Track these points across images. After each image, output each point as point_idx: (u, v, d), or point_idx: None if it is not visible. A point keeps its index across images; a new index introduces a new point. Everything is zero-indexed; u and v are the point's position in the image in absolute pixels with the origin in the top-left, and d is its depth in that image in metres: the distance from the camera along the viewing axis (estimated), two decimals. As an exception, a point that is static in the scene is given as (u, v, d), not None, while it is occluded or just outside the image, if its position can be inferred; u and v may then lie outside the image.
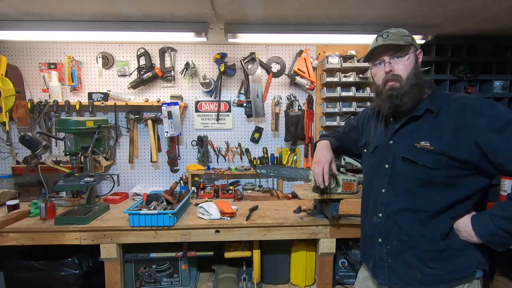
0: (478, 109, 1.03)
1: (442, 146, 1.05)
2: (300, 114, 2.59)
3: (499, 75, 2.43)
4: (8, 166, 2.53)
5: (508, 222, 0.99)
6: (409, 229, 1.13)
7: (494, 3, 1.74)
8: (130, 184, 2.68)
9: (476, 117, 1.02)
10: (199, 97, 2.65)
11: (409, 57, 1.12)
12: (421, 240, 1.11)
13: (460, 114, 1.05)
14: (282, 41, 2.46)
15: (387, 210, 1.17)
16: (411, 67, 1.12)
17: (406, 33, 1.14)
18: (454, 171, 1.05)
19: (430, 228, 1.10)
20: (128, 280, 2.10)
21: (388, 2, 1.74)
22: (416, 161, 1.09)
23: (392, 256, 1.17)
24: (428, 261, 1.11)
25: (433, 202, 1.09)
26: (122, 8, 1.81)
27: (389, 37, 1.11)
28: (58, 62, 2.51)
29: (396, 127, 1.18)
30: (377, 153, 1.24)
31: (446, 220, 1.09)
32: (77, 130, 2.00)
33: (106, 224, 1.92)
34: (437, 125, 1.09)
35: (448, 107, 1.08)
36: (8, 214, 1.97)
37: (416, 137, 1.11)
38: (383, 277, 1.19)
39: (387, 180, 1.17)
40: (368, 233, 1.26)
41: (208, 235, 1.96)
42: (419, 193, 1.10)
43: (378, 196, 1.20)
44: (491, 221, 1.01)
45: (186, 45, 2.58)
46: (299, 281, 2.18)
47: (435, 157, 1.06)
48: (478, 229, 1.04)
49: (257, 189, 2.65)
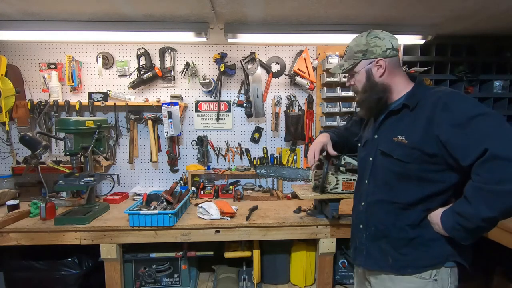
0: (447, 104, 1.04)
1: (414, 140, 1.09)
2: (300, 114, 2.59)
3: (499, 75, 2.43)
4: (8, 166, 2.53)
5: (462, 218, 1.01)
6: (383, 218, 1.20)
7: (493, 3, 1.74)
8: (130, 184, 2.68)
9: (443, 112, 1.04)
10: (199, 97, 2.65)
11: (360, 72, 1.21)
12: (393, 229, 1.18)
13: (432, 109, 1.07)
14: (282, 41, 2.46)
15: (367, 199, 1.26)
16: (363, 82, 1.21)
17: (360, 47, 1.20)
18: (426, 166, 1.09)
19: (402, 218, 1.16)
20: (128, 280, 2.10)
21: (388, 2, 1.74)
22: (391, 155, 1.15)
23: (370, 241, 1.25)
24: (399, 247, 1.17)
25: (407, 194, 1.14)
26: (122, 8, 1.81)
27: (344, 58, 1.27)
28: (58, 62, 2.51)
29: (379, 122, 1.25)
30: (366, 146, 1.31)
31: (418, 212, 1.14)
32: (77, 130, 2.00)
33: (106, 224, 1.92)
34: (413, 119, 1.12)
35: (425, 101, 1.11)
36: (8, 214, 1.97)
37: (394, 131, 1.16)
38: (360, 259, 1.29)
39: (369, 172, 1.26)
40: (354, 220, 1.36)
41: (208, 235, 1.96)
42: (395, 185, 1.17)
43: (362, 186, 1.30)
44: (452, 216, 1.05)
45: (186, 45, 2.58)
46: (299, 281, 2.18)
47: (408, 151, 1.10)
48: (443, 223, 1.08)
49: (257, 189, 2.65)
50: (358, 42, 1.21)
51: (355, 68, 1.23)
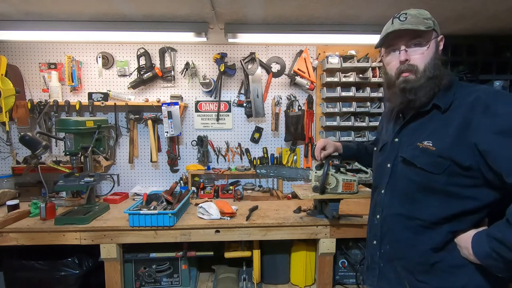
0: (490, 105, 0.86)
1: (443, 148, 0.92)
2: (300, 114, 2.59)
3: (499, 75, 2.43)
4: (8, 166, 2.53)
5: (501, 246, 0.83)
6: (400, 236, 1.04)
7: (493, 3, 1.74)
8: (130, 184, 2.68)
9: (484, 115, 0.86)
10: (199, 97, 2.65)
11: (430, 45, 0.97)
12: (412, 251, 1.01)
13: (469, 110, 0.89)
14: (282, 41, 2.46)
15: (384, 213, 1.09)
16: (430, 57, 0.98)
17: (427, 15, 0.97)
18: (457, 179, 0.91)
19: (424, 239, 0.99)
20: (128, 280, 2.10)
21: (388, 2, 1.74)
22: (414, 163, 0.98)
23: (384, 260, 1.10)
24: (417, 273, 1.01)
25: (431, 211, 0.97)
26: (122, 8, 1.81)
27: (407, 20, 0.95)
28: (58, 62, 2.51)
29: (402, 124, 1.08)
30: (384, 151, 1.15)
31: (444, 233, 0.96)
32: (77, 130, 2.00)
33: (106, 224, 1.92)
34: (444, 123, 0.95)
35: (461, 101, 0.93)
36: (8, 214, 1.97)
37: (420, 136, 0.99)
38: (372, 279, 1.14)
39: (386, 181, 1.09)
40: (368, 234, 1.21)
41: (208, 235, 1.96)
42: (417, 198, 0.99)
43: (378, 197, 1.14)
44: (486, 242, 0.87)
45: (186, 45, 2.58)
46: (299, 281, 2.17)
47: (435, 160, 0.93)
48: (475, 248, 0.89)
49: (257, 189, 2.65)
50: (422, 12, 0.99)
51: (427, 36, 0.96)
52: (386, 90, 1.09)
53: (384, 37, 1.02)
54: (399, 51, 1.00)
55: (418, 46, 0.98)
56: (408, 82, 0.99)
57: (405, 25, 0.95)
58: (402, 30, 0.96)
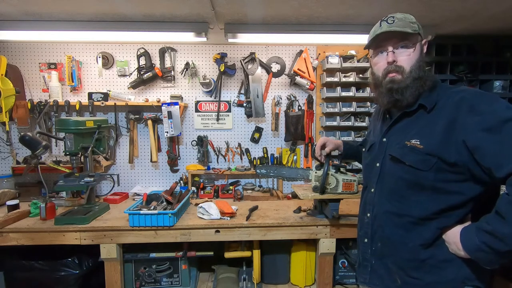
0: (475, 105, 0.91)
1: (431, 146, 0.96)
2: (300, 114, 2.59)
3: (499, 75, 2.43)
4: (8, 166, 2.53)
5: (491, 238, 0.87)
6: (391, 234, 1.07)
7: (493, 3, 1.74)
8: (130, 184, 2.68)
9: (470, 114, 0.91)
10: (199, 97, 2.65)
11: (416, 47, 1.03)
12: (402, 247, 1.05)
13: (455, 110, 0.94)
14: (282, 41, 2.46)
15: (374, 211, 1.13)
16: (416, 58, 1.03)
17: (413, 19, 1.04)
18: (444, 175, 0.96)
19: (414, 235, 1.03)
20: (128, 280, 2.10)
21: (388, 2, 1.74)
22: (403, 161, 1.02)
23: (375, 257, 1.13)
24: (408, 270, 1.04)
25: (420, 207, 1.01)
26: (122, 8, 1.81)
27: (395, 23, 1.01)
28: (58, 62, 2.51)
29: (389, 124, 1.12)
30: (372, 151, 1.19)
31: (433, 230, 1.00)
32: (77, 130, 2.00)
33: (106, 224, 1.92)
34: (430, 122, 1.00)
35: (445, 102, 0.99)
36: (8, 214, 1.97)
37: (407, 135, 1.03)
38: (365, 276, 1.17)
39: (376, 180, 1.13)
40: (358, 232, 1.24)
41: (208, 235, 1.96)
42: (406, 196, 1.03)
43: (368, 195, 1.18)
44: (476, 235, 0.91)
45: (186, 45, 2.58)
46: (299, 281, 2.17)
47: (423, 158, 0.98)
48: (465, 243, 0.93)
49: (257, 189, 2.65)
50: (407, 16, 1.04)
51: (413, 38, 1.02)
52: (373, 89, 1.14)
53: (373, 39, 1.07)
54: (387, 53, 1.05)
55: (405, 48, 1.03)
56: (395, 82, 1.03)
57: (393, 27, 1.01)
58: (390, 32, 1.02)
